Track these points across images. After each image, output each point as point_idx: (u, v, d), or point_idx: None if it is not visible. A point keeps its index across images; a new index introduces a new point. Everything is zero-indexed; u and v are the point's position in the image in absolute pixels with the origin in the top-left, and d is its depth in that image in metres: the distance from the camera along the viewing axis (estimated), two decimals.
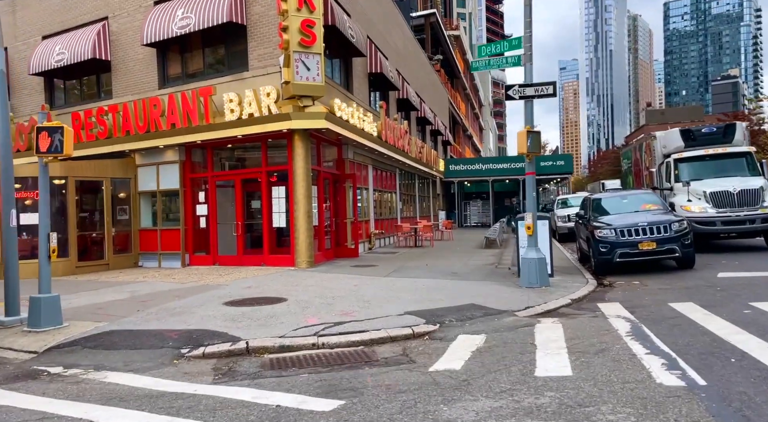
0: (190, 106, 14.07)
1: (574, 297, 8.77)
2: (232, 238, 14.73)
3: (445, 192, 38.42)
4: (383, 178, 21.24)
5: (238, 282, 11.25)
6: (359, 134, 15.92)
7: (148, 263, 15.72)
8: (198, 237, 15.47)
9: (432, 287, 10.06)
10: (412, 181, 26.71)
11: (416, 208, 27.53)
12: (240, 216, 14.54)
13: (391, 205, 22.44)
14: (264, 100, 13.04)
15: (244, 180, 15.03)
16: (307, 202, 13.52)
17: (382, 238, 20.54)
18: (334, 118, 13.90)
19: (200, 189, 15.30)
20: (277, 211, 14.02)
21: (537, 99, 9.66)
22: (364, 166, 18.58)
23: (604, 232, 11.19)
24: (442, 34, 43.20)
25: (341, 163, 16.57)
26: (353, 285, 10.54)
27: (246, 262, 14.42)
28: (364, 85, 18.77)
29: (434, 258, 15.45)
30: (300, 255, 13.49)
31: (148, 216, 15.96)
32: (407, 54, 26.13)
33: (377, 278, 11.46)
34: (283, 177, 14.15)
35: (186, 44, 15.29)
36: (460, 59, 58.06)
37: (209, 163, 15.06)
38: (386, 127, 19.20)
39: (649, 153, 16.13)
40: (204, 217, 15.09)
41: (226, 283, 11.21)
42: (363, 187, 18.36)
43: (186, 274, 13.20)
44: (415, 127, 27.21)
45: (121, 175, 15.63)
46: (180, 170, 15.15)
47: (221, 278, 12.11)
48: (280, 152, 14.27)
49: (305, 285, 10.58)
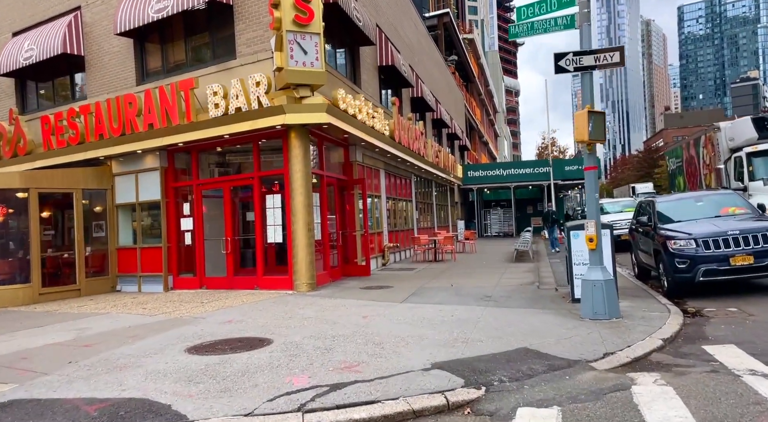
0: (169, 103, 11.97)
1: (664, 335, 6.37)
2: (221, 257, 12.53)
3: (464, 200, 36.03)
4: (397, 184, 18.96)
5: (219, 314, 9.01)
6: (368, 133, 13.70)
7: (127, 287, 13.57)
8: (183, 256, 13.29)
9: (464, 318, 7.73)
10: (428, 188, 24.41)
11: (434, 218, 25.18)
12: (230, 230, 12.34)
13: (407, 214, 20.13)
14: (253, 91, 10.89)
15: (234, 188, 12.86)
16: (307, 213, 11.30)
17: (397, 252, 18.22)
18: (338, 111, 11.70)
19: (185, 200, 13.16)
20: (271, 223, 11.79)
21: (599, 70, 7.35)
22: (375, 171, 16.33)
23: (681, 244, 8.79)
24: (456, 35, 41.07)
25: (348, 167, 14.34)
26: (362, 316, 8.24)
27: (237, 285, 12.20)
28: (374, 79, 16.59)
29: (460, 276, 13.11)
30: (299, 277, 11.24)
31: (127, 233, 13.83)
32: (421, 50, 23.96)
33: (392, 305, 9.16)
34: (278, 183, 11.95)
35: (166, 32, 13.24)
36: (474, 63, 55.98)
37: (194, 170, 12.90)
38: (399, 126, 16.97)
39: (711, 148, 13.69)
40: (189, 233, 12.92)
41: (204, 315, 8.97)
42: (374, 194, 16.11)
43: (163, 302, 11.00)
44: (430, 130, 24.95)
45: (95, 185, 13.54)
46: (161, 178, 13.01)
47: (201, 307, 9.88)
48: (276, 155, 12.09)
49: (301, 318, 8.31)
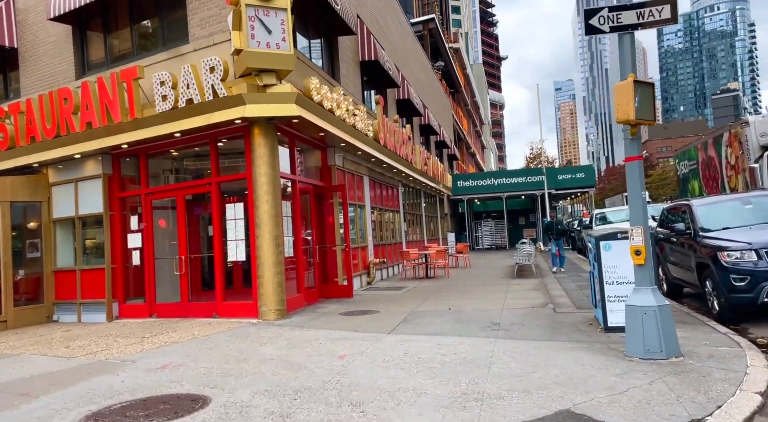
0: (109, 97, 10.05)
1: (758, 386, 4.54)
2: (175, 279, 10.54)
3: (453, 211, 34.27)
4: (383, 193, 17.11)
5: (157, 355, 7.03)
6: (349, 132, 11.87)
7: (65, 316, 11.48)
8: (131, 279, 11.27)
9: (471, 358, 5.85)
10: (417, 198, 22.59)
11: (423, 231, 23.34)
12: (184, 247, 10.36)
13: (394, 226, 18.26)
14: (207, 78, 9.02)
15: (189, 197, 10.92)
16: (275, 224, 9.39)
17: (384, 269, 16.32)
18: (311, 104, 9.85)
19: (133, 212, 11.17)
20: (232, 238, 9.84)
21: (644, 29, 5.60)
22: (359, 178, 14.48)
23: (737, 256, 7.03)
24: (442, 43, 39.65)
25: (327, 172, 12.48)
26: (338, 356, 6.32)
27: (193, 313, 10.19)
28: (355, 75, 14.82)
29: (457, 296, 11.24)
30: (265, 302, 9.29)
31: (67, 253, 11.77)
32: (406, 51, 22.31)
33: (378, 338, 7.26)
34: (241, 190, 10.04)
35: (109, 17, 11.36)
36: (461, 73, 54.73)
37: (143, 177, 10.93)
38: (385, 128, 15.17)
39: (737, 146, 12.08)
40: (137, 251, 10.91)
41: (137, 357, 6.99)
42: (358, 204, 14.23)
43: (97, 337, 8.97)
44: (418, 136, 23.22)
45: (26, 197, 11.50)
46: (104, 187, 11.03)
47: (139, 345, 7.88)
48: (239, 158, 10.19)
49: (259, 360, 6.36)
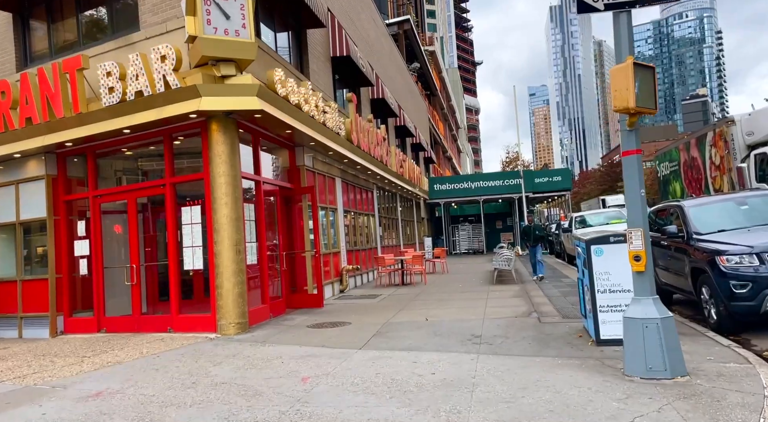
0: (51, 90, 9.10)
1: None
2: (126, 290, 9.59)
3: (430, 215, 33.67)
4: (357, 196, 16.35)
5: (93, 379, 6.13)
6: (319, 130, 11.08)
7: (6, 332, 10.42)
8: (78, 290, 10.28)
9: (452, 379, 5.12)
10: (393, 202, 21.88)
11: (399, 235, 22.62)
12: (135, 255, 9.43)
13: (369, 231, 17.50)
14: (158, 68, 8.15)
15: (143, 200, 10.01)
16: (235, 229, 8.54)
17: (358, 275, 15.54)
18: (275, 97, 9.04)
19: (81, 217, 10.20)
20: (188, 244, 8.95)
21: (644, 6, 4.98)
22: (330, 180, 13.69)
23: (737, 260, 6.46)
24: (417, 44, 39.14)
25: (295, 173, 11.67)
26: (301, 379, 5.52)
27: (146, 327, 9.26)
28: (326, 71, 14.05)
29: (435, 305, 10.52)
30: (225, 315, 8.43)
31: (7, 262, 10.71)
32: (381, 50, 21.65)
33: (347, 355, 6.48)
34: (198, 192, 9.16)
35: (53, 3, 10.40)
36: (437, 76, 54.42)
37: (91, 178, 9.96)
38: (358, 127, 14.43)
39: (723, 145, 11.67)
40: (85, 259, 9.94)
41: (70, 382, 6.08)
42: (330, 207, 13.44)
43: (33, 356, 7.99)
44: (393, 137, 22.55)
45: None
46: (47, 190, 10.04)
47: (77, 366, 6.95)
48: (199, 157, 9.31)
49: (209, 384, 5.53)
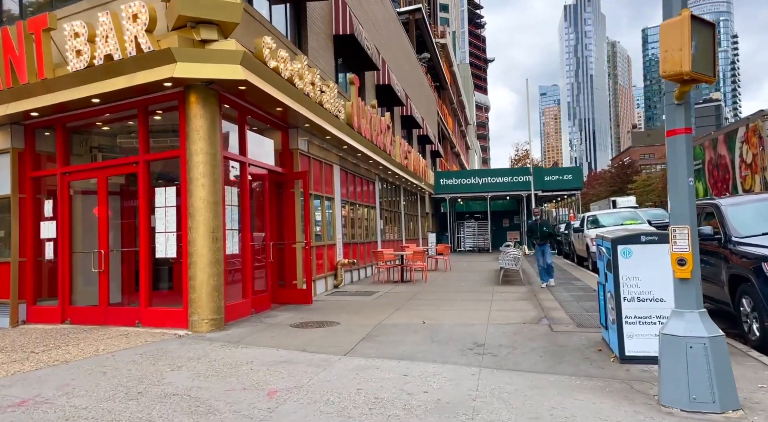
0: (15, 53, 8.16)
1: None
2: (94, 278, 8.68)
3: (435, 210, 32.66)
4: (357, 186, 15.37)
5: (26, 382, 5.21)
6: (314, 110, 10.10)
7: None
8: (45, 276, 9.38)
9: (449, 400, 4.15)
10: (396, 195, 20.89)
11: (402, 230, 21.64)
12: (104, 240, 8.51)
13: (368, 224, 16.53)
14: (129, 28, 7.19)
15: (119, 180, 9.08)
16: (212, 214, 7.59)
17: (355, 270, 14.58)
18: (263, 68, 8.06)
19: (50, 196, 9.28)
20: (161, 230, 8.02)
21: None
22: (328, 166, 12.71)
23: None
24: (428, 35, 38.01)
25: (288, 156, 10.70)
26: (267, 394, 4.57)
27: (113, 319, 8.34)
28: (327, 50, 13.06)
29: (434, 306, 9.55)
30: (197, 309, 7.49)
31: None
32: (389, 34, 20.61)
33: (328, 363, 5.52)
34: (174, 171, 8.21)
35: None
36: (447, 70, 53.24)
37: (60, 153, 9.03)
38: (360, 112, 13.44)
39: (756, 141, 10.61)
40: (51, 242, 9.03)
41: None
42: (326, 196, 12.48)
43: None
44: (399, 128, 21.54)
45: None
46: (12, 164, 9.13)
47: (15, 365, 6.03)
48: (173, 133, 8.36)
49: (157, 396, 4.58)
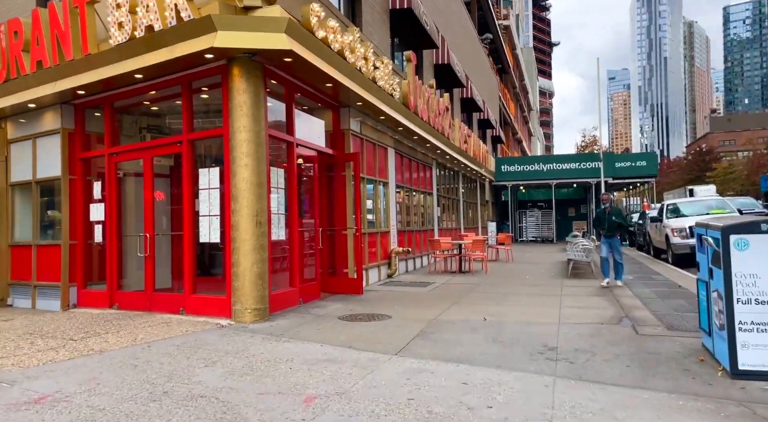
0: (61, 28, 7.92)
1: None
2: (141, 262, 8.42)
3: (495, 198, 31.41)
4: (413, 171, 14.62)
5: (52, 374, 4.86)
6: (367, 87, 9.41)
7: (21, 301, 9.57)
8: (96, 259, 9.24)
9: (521, 419, 3.38)
10: (454, 181, 19.97)
11: (460, 218, 20.72)
12: (150, 223, 8.20)
13: (425, 211, 15.76)
14: None
15: (162, 160, 8.75)
16: (256, 197, 7.08)
17: (410, 259, 13.89)
18: (310, 38, 7.42)
19: (99, 178, 9.10)
20: (205, 212, 7.60)
21: None
22: (382, 149, 12.03)
23: None
24: (491, 16, 36.37)
25: (339, 137, 10.08)
26: (304, 399, 3.95)
27: (158, 306, 8.04)
28: (382, 25, 12.32)
29: (495, 300, 8.71)
30: (240, 298, 7.02)
31: (26, 224, 9.85)
32: (449, 12, 19.58)
33: (376, 363, 4.85)
34: (220, 152, 7.75)
35: None
36: (510, 53, 51.11)
37: (107, 133, 8.80)
38: (417, 91, 12.64)
39: None
40: (100, 225, 8.85)
41: (22, 376, 4.83)
42: (380, 180, 11.81)
43: (21, 334, 6.91)
44: (458, 111, 20.54)
45: None
46: (62, 145, 8.98)
47: (49, 353, 5.74)
48: (220, 113, 7.89)
49: (183, 398, 4.06)
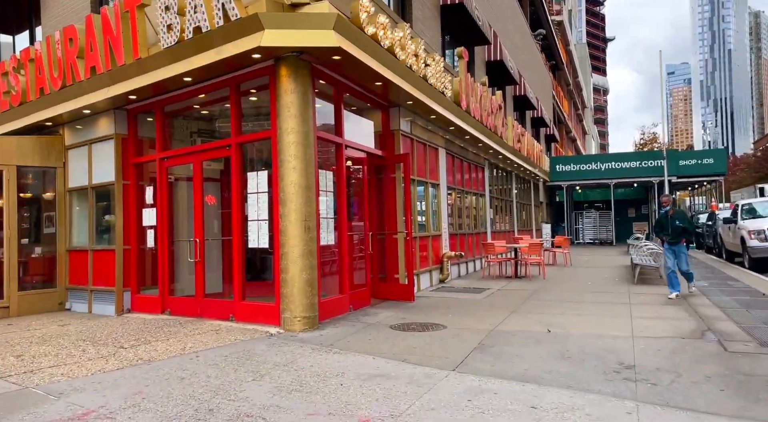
0: (113, 33, 7.95)
1: None
2: (191, 267, 8.36)
3: (550, 199, 30.35)
4: (464, 172, 14.12)
5: (100, 386, 4.73)
6: (418, 85, 9.04)
7: (78, 305, 9.73)
8: (149, 263, 9.27)
9: None
10: (507, 182, 19.30)
11: (513, 220, 20.01)
12: (200, 228, 8.12)
13: (476, 213, 15.22)
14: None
15: (212, 164, 8.67)
16: (305, 201, 6.83)
17: (462, 263, 13.40)
18: (359, 34, 7.13)
19: (151, 183, 9.13)
20: (254, 217, 7.42)
21: None
22: (432, 149, 11.62)
23: None
24: (543, 11, 35.27)
25: (389, 138, 9.75)
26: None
27: (208, 312, 7.94)
28: (432, 21, 11.92)
29: (558, 309, 8.14)
30: (289, 305, 6.79)
31: (82, 228, 10.02)
32: (501, 8, 18.96)
33: (432, 381, 4.47)
34: (267, 155, 7.57)
35: None
36: (563, 49, 49.57)
37: (158, 138, 8.80)
38: (469, 89, 12.17)
39: None
40: (152, 230, 8.86)
41: (69, 388, 4.72)
42: (430, 181, 11.41)
43: (74, 340, 6.93)
44: (511, 109, 19.85)
45: (38, 161, 9.80)
46: (116, 151, 9.06)
47: (99, 362, 5.66)
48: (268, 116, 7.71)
49: (231, 415, 3.81)
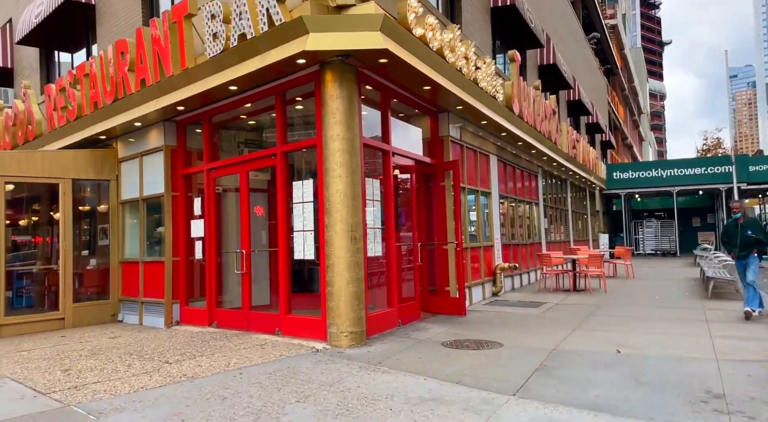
0: (161, 44, 7.98)
1: None
2: (238, 279, 8.21)
3: (607, 208, 29.07)
4: (517, 180, 13.54)
5: (141, 405, 4.55)
6: (468, 89, 8.64)
7: (130, 316, 9.78)
8: (198, 275, 9.21)
9: None
10: (562, 190, 18.50)
11: (569, 230, 19.14)
12: (246, 239, 7.97)
13: (530, 223, 14.56)
14: (262, 1, 6.43)
15: (259, 175, 8.54)
16: (351, 210, 6.54)
17: (516, 275, 12.79)
18: (406, 36, 6.82)
19: (200, 194, 9.09)
20: (299, 228, 7.20)
21: None
22: (483, 156, 11.15)
23: None
24: (597, 15, 34.09)
25: (437, 145, 9.37)
26: None
27: (255, 325, 7.75)
28: (483, 23, 11.50)
29: (625, 327, 7.50)
30: (336, 320, 6.49)
31: (134, 240, 10.11)
32: (553, 10, 18.31)
33: (492, 408, 4.03)
34: (313, 164, 7.34)
35: None
36: (618, 54, 47.82)
37: (205, 148, 8.77)
38: (521, 94, 11.65)
39: None
40: (200, 241, 8.79)
41: (110, 406, 4.56)
42: (481, 190, 10.93)
43: (121, 354, 6.87)
44: (565, 114, 19.08)
45: (92, 174, 9.97)
46: (165, 162, 9.08)
47: (142, 378, 5.51)
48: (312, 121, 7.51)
49: None
